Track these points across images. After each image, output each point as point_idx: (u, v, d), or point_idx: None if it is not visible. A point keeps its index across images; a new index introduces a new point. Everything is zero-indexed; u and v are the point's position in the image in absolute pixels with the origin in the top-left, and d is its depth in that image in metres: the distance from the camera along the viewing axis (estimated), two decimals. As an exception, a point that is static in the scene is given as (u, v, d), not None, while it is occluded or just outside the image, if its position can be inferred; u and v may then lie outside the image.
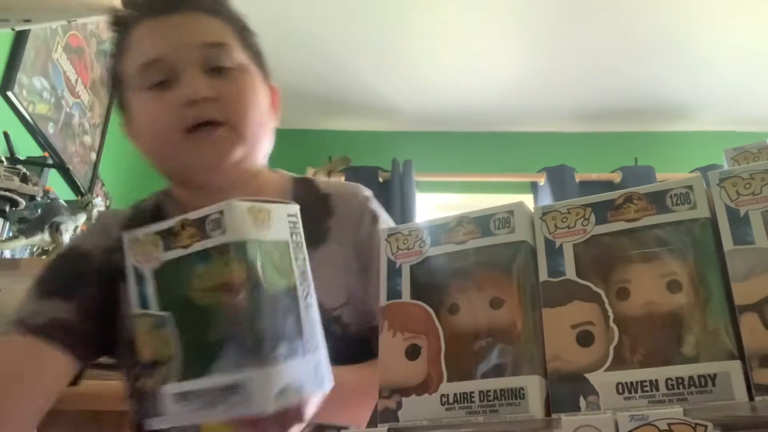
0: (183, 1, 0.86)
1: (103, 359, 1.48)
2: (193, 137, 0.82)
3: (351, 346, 0.82)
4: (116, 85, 0.91)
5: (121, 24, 0.89)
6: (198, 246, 0.54)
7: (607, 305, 0.47)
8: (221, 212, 0.53)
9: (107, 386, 1.38)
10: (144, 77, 0.84)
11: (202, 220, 0.54)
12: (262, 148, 0.90)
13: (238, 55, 0.87)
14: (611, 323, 0.46)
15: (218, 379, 0.52)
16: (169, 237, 0.55)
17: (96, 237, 0.91)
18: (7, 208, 1.54)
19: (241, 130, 0.84)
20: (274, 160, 1.01)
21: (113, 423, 1.33)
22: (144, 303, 0.56)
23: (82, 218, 1.70)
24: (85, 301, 0.86)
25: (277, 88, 0.95)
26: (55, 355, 0.83)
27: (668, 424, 0.39)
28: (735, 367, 0.42)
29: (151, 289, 0.55)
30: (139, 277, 0.56)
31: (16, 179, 1.58)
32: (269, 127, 0.91)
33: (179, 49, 0.83)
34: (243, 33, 0.90)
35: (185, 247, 0.54)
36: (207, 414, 0.53)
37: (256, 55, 0.92)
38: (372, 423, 0.91)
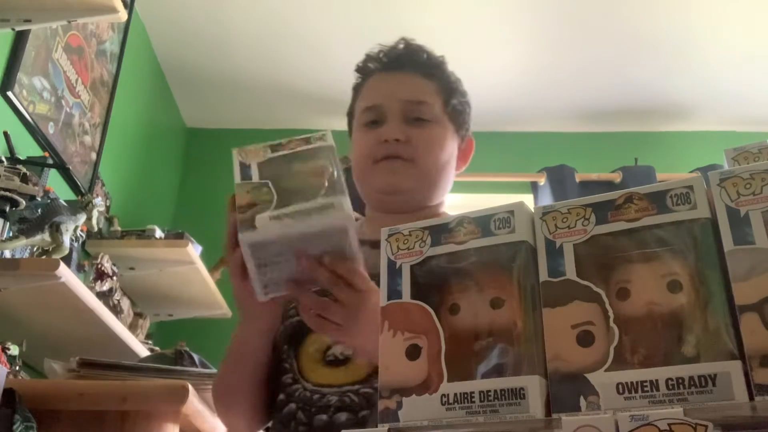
0: (404, 62, 1.10)
1: (104, 359, 1.48)
2: (379, 165, 1.05)
3: None
4: (350, 120, 1.16)
5: (362, 72, 1.15)
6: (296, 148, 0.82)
7: (607, 305, 0.47)
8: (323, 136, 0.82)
9: (107, 386, 1.38)
10: (363, 116, 1.09)
11: (305, 140, 0.82)
12: (438, 187, 1.08)
13: (436, 112, 1.07)
14: (611, 323, 0.46)
15: (306, 204, 0.72)
16: (277, 147, 0.81)
17: None
18: (7, 208, 1.54)
19: (418, 165, 1.04)
20: None
21: (114, 423, 1.32)
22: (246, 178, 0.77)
23: (82, 218, 1.70)
24: None
25: (472, 141, 1.18)
26: None
27: (668, 424, 0.39)
28: (735, 367, 0.42)
29: (254, 172, 0.77)
30: (242, 165, 0.78)
31: (17, 179, 1.58)
32: (450, 173, 1.10)
33: (391, 99, 1.06)
34: (448, 94, 1.11)
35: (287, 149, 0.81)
36: (298, 226, 0.71)
37: (454, 113, 1.11)
38: (372, 423, 0.92)
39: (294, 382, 0.93)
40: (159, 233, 2.32)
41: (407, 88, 1.08)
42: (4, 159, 1.68)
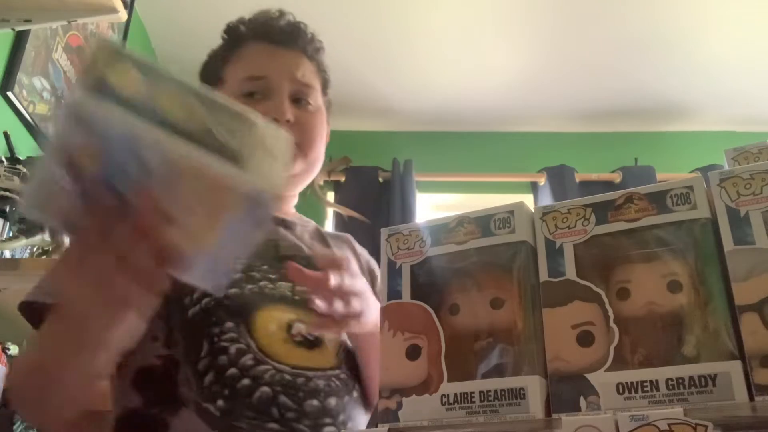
0: (293, 40, 1.05)
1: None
2: None
3: None
4: (210, 81, 1.06)
5: (235, 36, 1.07)
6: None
7: (607, 305, 0.47)
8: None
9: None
10: (244, 86, 1.00)
11: None
12: (310, 178, 1.05)
13: (319, 100, 1.05)
14: (611, 323, 0.46)
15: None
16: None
17: None
18: (8, 208, 1.54)
19: (305, 151, 1.00)
20: None
21: (113, 423, 1.32)
22: None
23: (82, 218, 1.70)
24: None
25: (329, 130, 1.11)
26: None
27: (668, 425, 0.39)
28: (735, 367, 0.42)
29: None
30: None
31: (17, 179, 1.58)
32: (320, 162, 1.06)
33: (279, 75, 1.00)
34: (325, 82, 1.08)
35: None
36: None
37: (329, 103, 1.09)
38: (372, 423, 0.91)
39: (257, 363, 0.83)
40: (159, 233, 2.31)
41: (297, 68, 1.03)
42: (4, 159, 1.68)
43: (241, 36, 1.06)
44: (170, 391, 0.82)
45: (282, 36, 1.05)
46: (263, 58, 1.03)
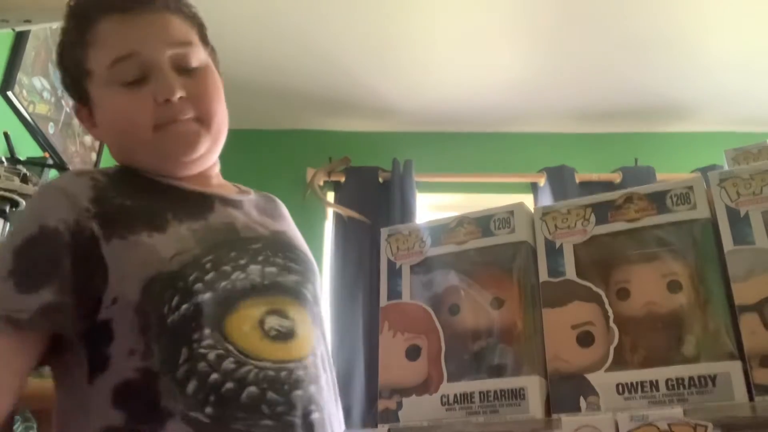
0: (146, 1, 0.91)
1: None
2: (163, 132, 0.87)
3: None
4: (74, 73, 0.93)
5: (82, 14, 0.92)
6: None
7: (607, 305, 0.47)
8: None
9: None
10: (116, 72, 0.88)
11: None
12: (221, 141, 0.96)
13: (202, 54, 0.92)
14: (611, 323, 0.46)
15: None
16: None
17: (62, 210, 0.85)
18: (8, 209, 1.54)
19: (208, 123, 0.90)
20: (275, 160, 1.03)
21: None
22: None
23: (82, 218, 1.70)
24: (63, 281, 0.81)
25: (222, 79, 0.99)
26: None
27: (668, 425, 0.39)
28: (735, 367, 0.42)
29: None
30: None
31: (17, 180, 1.58)
32: (226, 119, 0.96)
33: (152, 47, 0.88)
34: (201, 30, 0.96)
35: None
36: None
37: (212, 51, 0.97)
38: (372, 423, 0.91)
39: (239, 366, 0.82)
40: (159, 233, 2.32)
41: (167, 29, 0.90)
42: (4, 159, 1.68)
43: (87, 13, 0.91)
44: (153, 403, 0.80)
45: (134, 1, 0.90)
46: (122, 32, 0.89)
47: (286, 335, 0.85)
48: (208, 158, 0.93)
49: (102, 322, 0.81)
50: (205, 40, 0.95)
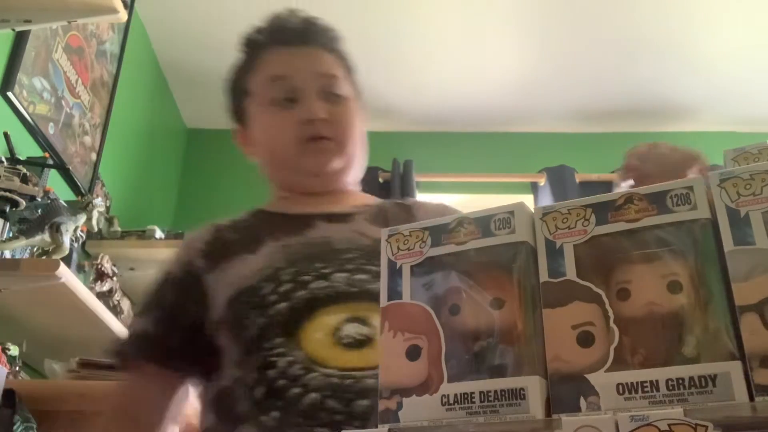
0: (309, 38, 1.07)
1: (104, 360, 1.48)
2: (304, 147, 1.01)
3: None
4: (238, 96, 1.09)
5: (253, 46, 1.09)
6: None
7: (607, 306, 0.47)
8: None
9: (107, 386, 1.38)
10: (268, 90, 1.03)
11: None
12: (356, 165, 1.08)
13: (346, 88, 1.07)
14: (612, 324, 0.46)
15: None
16: None
17: (180, 253, 1.02)
18: (8, 209, 1.54)
19: (343, 145, 1.03)
20: None
21: (113, 423, 1.32)
22: None
23: (82, 218, 1.70)
24: (164, 315, 0.98)
25: (367, 118, 1.14)
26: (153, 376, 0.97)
27: (669, 425, 0.39)
28: (735, 367, 0.42)
29: None
30: None
31: (17, 180, 1.58)
32: (362, 149, 1.09)
33: (303, 74, 1.03)
34: (350, 70, 1.11)
35: None
36: None
37: (357, 89, 1.11)
38: (372, 423, 0.91)
39: (306, 372, 0.86)
40: (159, 233, 2.32)
41: (317, 63, 1.05)
42: (4, 159, 1.68)
43: (258, 45, 1.08)
44: (231, 408, 0.88)
45: (296, 36, 1.07)
46: (282, 60, 1.05)
47: (361, 343, 0.87)
48: (340, 177, 1.05)
49: (211, 339, 0.93)
50: (350, 76, 1.10)
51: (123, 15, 1.55)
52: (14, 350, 1.51)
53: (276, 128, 1.03)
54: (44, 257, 1.59)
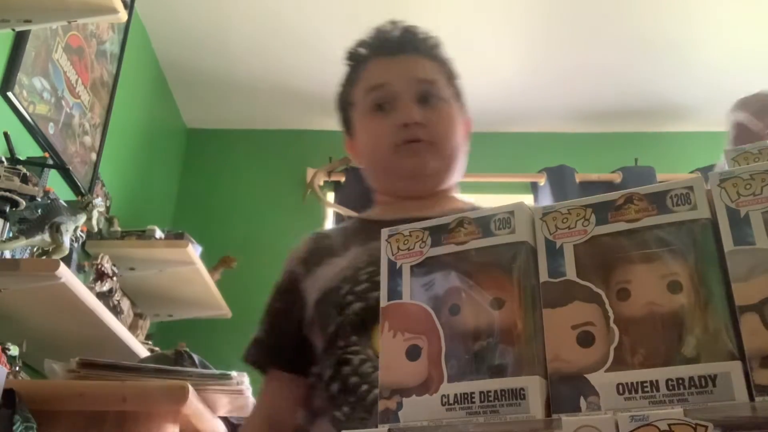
0: (407, 46, 1.11)
1: (104, 360, 1.48)
2: (401, 150, 1.03)
3: None
4: (345, 108, 1.13)
5: (355, 59, 1.13)
6: None
7: (607, 306, 0.47)
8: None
9: (107, 386, 1.38)
10: (368, 98, 1.07)
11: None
12: (455, 168, 1.08)
13: (444, 91, 1.08)
14: (612, 324, 0.46)
15: None
16: None
17: (285, 263, 1.08)
18: (8, 209, 1.54)
19: (439, 147, 1.04)
20: (275, 160, 1.04)
21: (113, 423, 1.33)
22: None
23: (82, 218, 1.70)
24: (273, 322, 1.05)
25: (471, 121, 1.15)
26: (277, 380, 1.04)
27: (669, 425, 0.39)
28: (735, 367, 0.42)
29: None
30: None
31: (17, 180, 1.58)
32: (462, 152, 1.09)
33: (400, 81, 1.06)
34: (450, 74, 1.13)
35: None
36: None
37: (457, 93, 1.13)
38: (372, 423, 0.92)
39: (375, 370, 0.88)
40: (159, 233, 2.32)
41: (416, 68, 1.08)
42: (4, 159, 1.68)
43: (360, 57, 1.13)
44: (312, 403, 0.97)
45: (395, 45, 1.11)
46: (381, 69, 1.09)
47: None
48: (438, 180, 1.06)
49: (307, 338, 0.99)
50: (451, 81, 1.12)
51: (123, 15, 1.55)
52: (14, 350, 1.51)
53: (374, 134, 1.06)
54: (44, 257, 1.59)
